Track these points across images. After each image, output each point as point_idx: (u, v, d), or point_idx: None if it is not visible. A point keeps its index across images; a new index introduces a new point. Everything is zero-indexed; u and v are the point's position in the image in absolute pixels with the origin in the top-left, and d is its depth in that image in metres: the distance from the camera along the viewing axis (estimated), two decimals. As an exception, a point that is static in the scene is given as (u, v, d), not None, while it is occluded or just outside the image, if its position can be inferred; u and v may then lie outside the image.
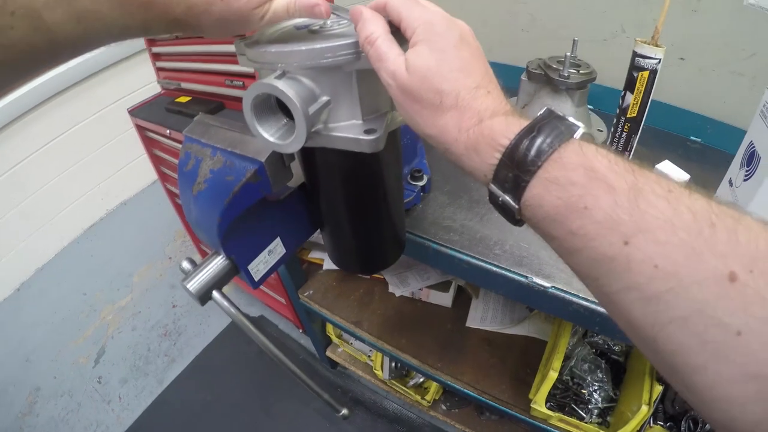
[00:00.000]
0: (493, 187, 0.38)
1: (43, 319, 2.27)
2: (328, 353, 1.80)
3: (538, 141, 0.35)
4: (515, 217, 0.38)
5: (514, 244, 0.82)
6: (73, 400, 1.99)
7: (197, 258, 0.64)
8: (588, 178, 0.32)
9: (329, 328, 1.71)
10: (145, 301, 2.33)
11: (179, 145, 1.43)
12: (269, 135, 0.47)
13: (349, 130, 0.48)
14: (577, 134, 0.36)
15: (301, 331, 1.99)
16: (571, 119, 0.36)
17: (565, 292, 0.74)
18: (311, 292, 1.50)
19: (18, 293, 2.38)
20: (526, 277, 0.76)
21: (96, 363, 2.12)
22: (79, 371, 2.09)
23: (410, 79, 0.40)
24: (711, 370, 0.27)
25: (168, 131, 1.40)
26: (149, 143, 1.65)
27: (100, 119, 2.47)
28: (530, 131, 0.35)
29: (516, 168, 0.35)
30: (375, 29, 0.42)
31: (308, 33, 0.50)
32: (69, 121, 2.38)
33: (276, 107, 0.48)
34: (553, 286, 0.75)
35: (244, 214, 0.58)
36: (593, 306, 0.72)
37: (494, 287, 0.81)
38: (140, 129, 1.60)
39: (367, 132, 0.46)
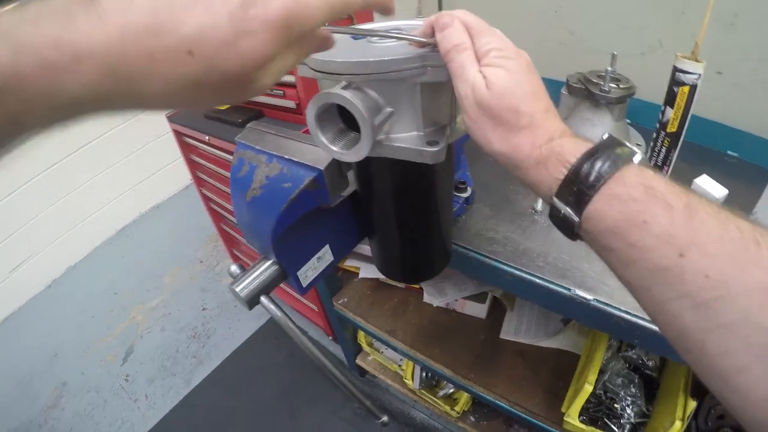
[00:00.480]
0: (557, 201, 0.40)
1: (72, 316, 2.32)
2: (358, 361, 1.80)
3: (603, 161, 0.37)
4: (574, 231, 0.40)
5: (557, 257, 0.82)
6: (100, 397, 2.02)
7: (226, 263, 0.65)
8: (647, 195, 0.35)
9: (360, 336, 1.71)
10: (175, 303, 2.37)
11: (217, 151, 1.46)
12: (332, 144, 0.48)
13: (410, 141, 0.49)
14: (636, 158, 0.38)
15: (331, 338, 2.00)
16: (630, 145, 0.39)
17: (606, 304, 0.74)
18: (346, 299, 1.51)
19: (49, 290, 2.43)
20: (569, 290, 0.76)
21: (124, 361, 2.16)
22: (106, 368, 2.12)
23: (489, 95, 0.41)
24: (755, 371, 0.30)
25: (207, 137, 1.42)
26: (186, 148, 1.68)
27: (138, 123, 2.52)
28: (595, 152, 0.38)
29: (581, 183, 0.38)
30: (465, 40, 0.43)
31: (367, 43, 0.52)
32: (108, 124, 2.44)
33: (337, 117, 0.49)
34: (595, 299, 0.75)
35: (298, 220, 0.59)
36: (634, 319, 0.72)
37: (536, 299, 0.82)
38: (178, 134, 1.63)
39: (430, 143, 0.47)
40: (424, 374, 1.55)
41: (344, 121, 0.49)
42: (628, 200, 0.35)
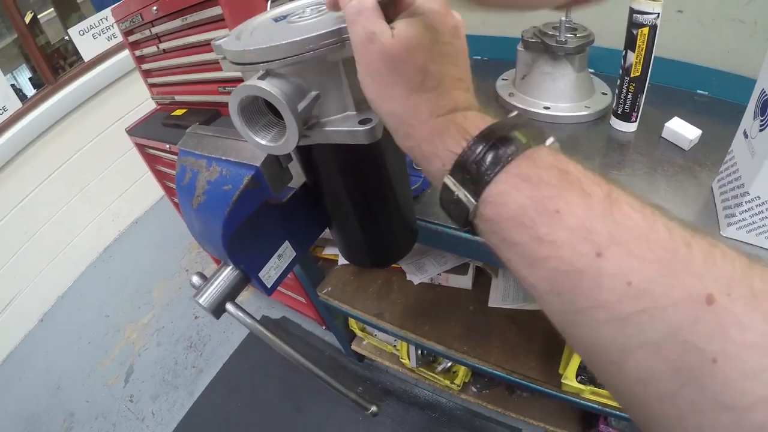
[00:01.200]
0: (450, 180, 0.34)
1: (69, 345, 2.31)
2: (354, 347, 1.80)
3: (510, 137, 0.32)
4: (467, 218, 0.34)
5: (529, 220, 0.79)
6: (108, 422, 2.01)
7: (212, 268, 0.63)
8: (562, 180, 0.30)
9: (352, 322, 1.70)
10: (167, 316, 2.36)
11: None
12: (261, 138, 0.45)
13: (343, 122, 0.46)
14: (549, 140, 0.34)
15: (324, 328, 1.99)
16: (541, 128, 0.35)
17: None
18: (329, 288, 1.49)
19: (42, 324, 2.42)
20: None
21: (126, 382, 2.15)
22: (110, 392, 2.12)
23: (394, 46, 0.36)
24: (683, 399, 0.25)
25: (167, 146, 1.39)
26: (151, 160, 1.64)
27: (101, 142, 2.50)
28: (503, 128, 0.33)
29: (482, 160, 0.32)
30: None
31: (287, 25, 0.49)
32: (70, 148, 2.41)
33: (265, 109, 0.46)
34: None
35: (247, 221, 0.57)
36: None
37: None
38: (140, 147, 1.59)
39: (362, 122, 0.45)
40: (419, 352, 1.54)
41: (272, 112, 0.47)
42: (539, 183, 0.30)
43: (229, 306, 0.63)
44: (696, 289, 0.25)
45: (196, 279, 0.65)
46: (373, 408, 0.75)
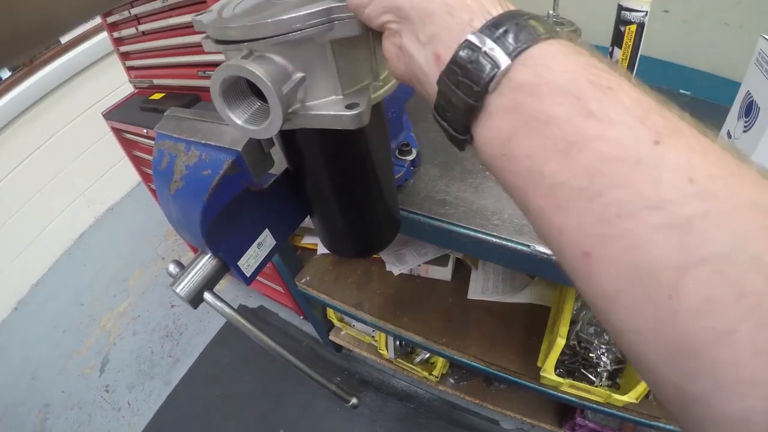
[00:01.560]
0: (475, 37, 0.28)
1: (44, 334, 2.26)
2: (332, 337, 1.79)
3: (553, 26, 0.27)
4: (483, 90, 0.27)
5: (513, 213, 0.79)
6: (84, 412, 1.98)
7: (189, 256, 0.62)
8: (610, 64, 0.26)
9: (330, 312, 1.69)
10: (143, 305, 2.32)
11: (159, 144, 1.40)
12: (243, 121, 0.44)
13: (329, 107, 0.44)
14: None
15: (302, 317, 1.98)
16: None
17: (568, 256, 0.72)
18: (308, 278, 1.47)
19: (16, 312, 2.36)
20: (528, 246, 0.74)
21: (101, 372, 2.12)
22: (86, 382, 2.08)
23: None
24: (742, 336, 0.19)
25: (145, 131, 1.36)
26: (128, 145, 1.60)
27: (76, 127, 2.43)
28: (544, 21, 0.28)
29: (524, 24, 0.27)
30: None
31: (273, 0, 0.47)
32: (44, 133, 2.35)
33: (248, 90, 0.45)
34: (555, 252, 0.73)
35: (227, 208, 0.55)
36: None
37: (495, 259, 0.79)
38: (117, 131, 1.55)
39: (349, 107, 0.43)
40: (397, 343, 1.54)
41: (255, 94, 0.45)
42: (587, 58, 0.26)
43: (207, 295, 0.61)
44: (762, 199, 0.20)
45: (172, 267, 0.64)
46: (354, 400, 0.75)
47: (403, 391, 1.78)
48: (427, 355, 1.57)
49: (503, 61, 0.26)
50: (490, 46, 0.27)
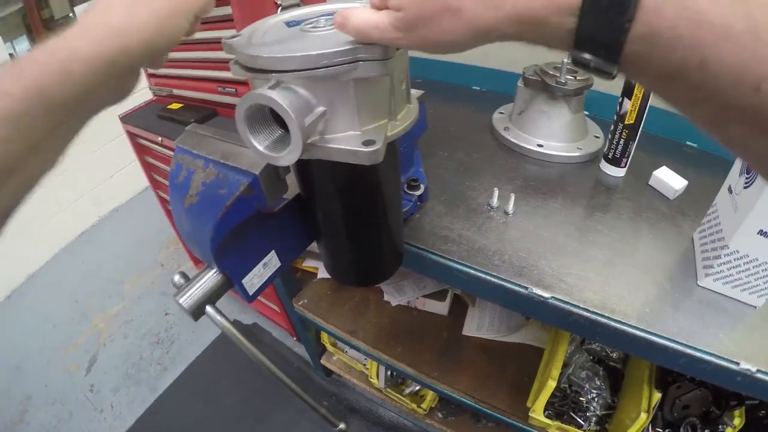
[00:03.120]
0: None
1: (34, 326, 2.26)
2: (323, 361, 1.78)
3: None
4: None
5: (513, 255, 0.80)
6: (65, 409, 1.97)
7: (189, 266, 0.63)
8: None
9: (324, 336, 1.68)
10: (137, 309, 2.32)
11: (171, 153, 1.41)
12: (263, 147, 0.45)
13: (346, 141, 0.46)
14: None
15: (294, 339, 1.97)
16: None
17: (565, 302, 0.73)
18: (305, 300, 1.48)
19: (9, 301, 2.36)
20: (526, 288, 0.75)
21: (88, 371, 2.11)
22: (70, 379, 2.07)
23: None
24: None
25: (160, 138, 1.38)
26: (141, 150, 1.63)
27: (91, 125, 2.46)
28: None
29: None
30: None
31: (301, 33, 0.49)
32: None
33: (270, 118, 0.46)
34: (552, 297, 0.74)
35: (237, 227, 0.57)
36: (593, 317, 0.71)
37: (493, 298, 0.80)
38: (131, 136, 1.57)
39: (366, 143, 0.45)
40: (388, 373, 1.53)
41: (277, 122, 0.47)
42: None
43: (208, 309, 0.62)
44: None
45: (177, 278, 0.65)
46: (342, 425, 0.75)
47: (390, 421, 1.77)
48: (417, 387, 1.56)
49: None
50: None
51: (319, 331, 1.68)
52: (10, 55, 2.25)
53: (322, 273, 1.45)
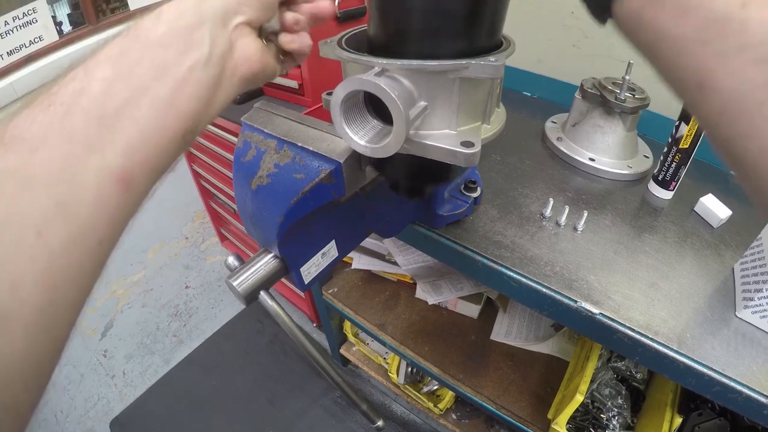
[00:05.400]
0: None
1: (53, 286, 2.27)
2: (342, 351, 1.78)
3: None
4: None
5: (564, 267, 0.79)
6: (77, 371, 1.98)
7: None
8: None
9: (347, 325, 1.69)
10: (157, 279, 2.32)
11: (212, 128, 1.41)
12: (358, 137, 0.45)
13: (443, 140, 0.45)
14: None
15: (315, 325, 1.97)
16: None
17: (612, 320, 0.72)
18: (336, 289, 1.48)
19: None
20: (576, 302, 0.74)
21: (103, 336, 2.12)
22: (84, 342, 2.08)
23: None
24: None
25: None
26: (181, 123, 1.62)
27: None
28: None
29: None
30: None
31: None
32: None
33: (363, 107, 0.46)
34: (601, 313, 0.73)
35: (307, 214, 0.56)
36: (638, 336, 0.70)
37: (540, 308, 0.79)
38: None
39: (465, 144, 0.44)
40: (409, 369, 1.53)
41: (371, 111, 0.46)
42: None
43: (263, 295, 0.60)
44: None
45: (232, 260, 0.63)
46: (380, 422, 0.75)
47: (401, 417, 1.76)
48: (435, 387, 1.55)
49: None
50: None
51: (342, 320, 1.68)
52: (52, 17, 2.26)
53: (357, 263, 1.44)
